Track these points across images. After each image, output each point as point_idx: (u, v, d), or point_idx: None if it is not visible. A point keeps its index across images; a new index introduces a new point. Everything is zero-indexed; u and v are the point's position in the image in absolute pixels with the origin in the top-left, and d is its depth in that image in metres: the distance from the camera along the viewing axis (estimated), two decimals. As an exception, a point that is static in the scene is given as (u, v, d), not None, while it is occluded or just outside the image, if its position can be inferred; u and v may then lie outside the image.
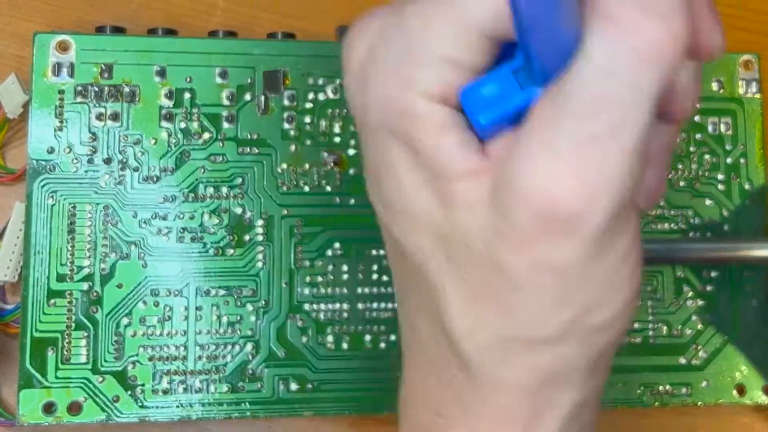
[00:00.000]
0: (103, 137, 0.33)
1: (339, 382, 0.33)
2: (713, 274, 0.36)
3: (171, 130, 0.33)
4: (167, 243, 0.33)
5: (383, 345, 0.33)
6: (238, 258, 0.33)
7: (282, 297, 0.33)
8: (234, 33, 0.35)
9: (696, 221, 0.36)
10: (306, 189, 0.34)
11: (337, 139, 0.34)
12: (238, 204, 0.33)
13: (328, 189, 0.34)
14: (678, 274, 0.36)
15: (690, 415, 0.37)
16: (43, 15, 0.36)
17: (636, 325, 0.35)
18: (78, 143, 0.33)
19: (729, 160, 0.37)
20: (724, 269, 0.36)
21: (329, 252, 0.34)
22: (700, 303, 0.36)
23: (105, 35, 0.33)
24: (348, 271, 0.34)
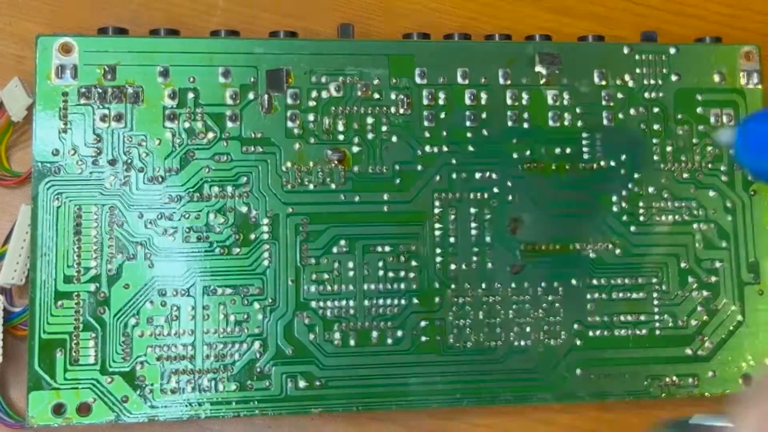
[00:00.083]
0: (108, 138, 0.33)
1: (347, 378, 0.33)
2: (717, 264, 0.36)
3: (175, 130, 0.33)
4: (173, 243, 0.33)
5: (390, 341, 0.34)
6: (244, 257, 0.33)
7: (288, 295, 0.33)
8: (236, 32, 0.35)
9: (699, 213, 0.36)
10: (311, 187, 0.34)
11: (341, 137, 0.34)
12: (243, 203, 0.33)
13: (332, 186, 0.34)
14: (683, 265, 0.36)
15: (697, 406, 0.37)
16: (44, 15, 0.36)
17: (642, 317, 0.35)
18: (82, 145, 0.33)
19: (732, 151, 0.37)
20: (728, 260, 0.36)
21: (335, 249, 0.34)
22: (705, 294, 0.36)
23: (108, 36, 0.34)
24: (354, 268, 0.34)
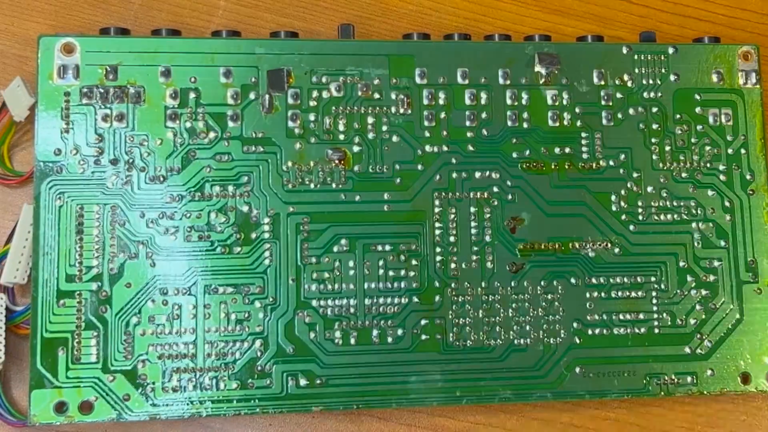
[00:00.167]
0: (110, 138, 0.33)
1: (347, 377, 0.33)
2: (716, 263, 0.36)
3: (176, 130, 0.34)
4: (175, 242, 0.33)
5: (390, 339, 0.34)
6: (245, 256, 0.33)
7: (289, 293, 0.33)
8: (237, 33, 0.35)
9: (698, 212, 0.36)
10: (311, 186, 0.34)
11: (342, 137, 0.35)
12: (244, 202, 0.34)
13: (333, 186, 0.34)
14: (681, 264, 0.36)
15: (695, 404, 0.37)
16: (45, 15, 0.36)
17: (641, 316, 0.35)
18: (84, 145, 0.33)
19: (730, 150, 0.37)
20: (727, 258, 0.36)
21: (335, 248, 0.34)
22: (703, 293, 0.36)
23: (109, 37, 0.34)
24: (354, 267, 0.34)
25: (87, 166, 0.33)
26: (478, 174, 0.35)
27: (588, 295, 0.35)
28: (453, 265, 0.35)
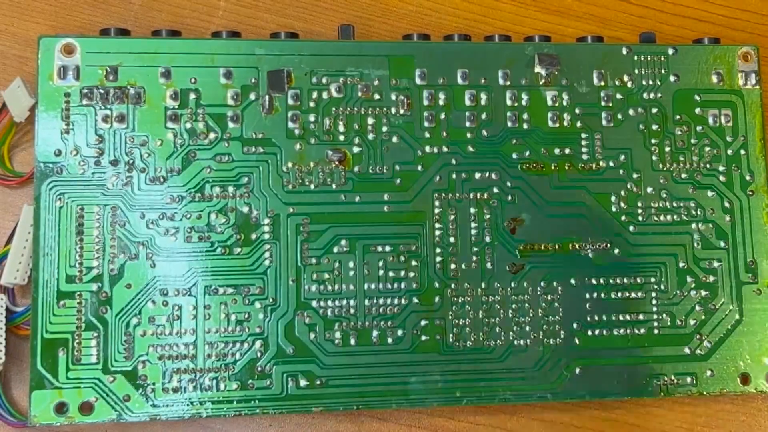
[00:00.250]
0: (110, 139, 0.33)
1: (347, 377, 0.33)
2: (715, 264, 0.36)
3: (177, 130, 0.34)
4: (175, 243, 0.33)
5: (390, 340, 0.34)
6: (245, 256, 0.33)
7: (289, 294, 0.33)
8: (237, 33, 0.35)
9: (697, 213, 0.36)
10: (311, 187, 0.34)
11: (342, 138, 0.35)
12: (244, 203, 0.34)
13: (333, 187, 0.34)
14: (681, 265, 0.36)
15: (695, 405, 0.37)
16: (45, 15, 0.36)
17: (640, 317, 0.35)
18: (85, 145, 0.33)
19: (730, 151, 0.37)
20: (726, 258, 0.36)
21: (335, 249, 0.34)
22: (703, 293, 0.36)
23: (109, 38, 0.34)
24: (354, 268, 0.34)
25: (87, 166, 0.33)
26: (478, 175, 0.35)
27: (588, 296, 0.35)
28: (453, 266, 0.35)
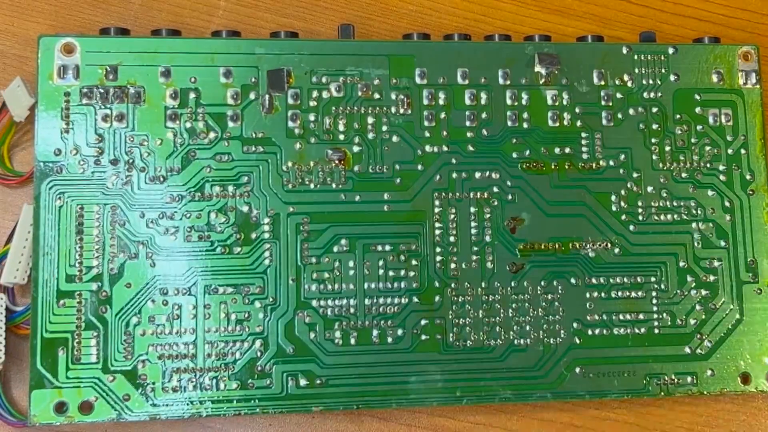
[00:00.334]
0: (110, 138, 0.33)
1: (347, 377, 0.33)
2: (716, 263, 0.36)
3: (176, 130, 0.34)
4: (175, 242, 0.33)
5: (390, 339, 0.34)
6: (245, 256, 0.33)
7: (289, 294, 0.33)
8: (237, 33, 0.35)
9: (698, 212, 0.36)
10: (311, 186, 0.34)
11: (342, 137, 0.35)
12: (244, 202, 0.34)
13: (333, 186, 0.34)
14: (681, 264, 0.36)
15: (695, 405, 0.37)
16: (45, 15, 0.36)
17: (641, 316, 0.35)
18: (84, 145, 0.33)
19: (730, 151, 0.37)
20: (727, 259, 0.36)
21: (335, 248, 0.34)
22: (703, 293, 0.36)
23: (109, 37, 0.34)
24: (354, 267, 0.34)
25: (87, 166, 0.33)
26: (478, 174, 0.35)
27: (588, 295, 0.35)
28: (453, 265, 0.35)
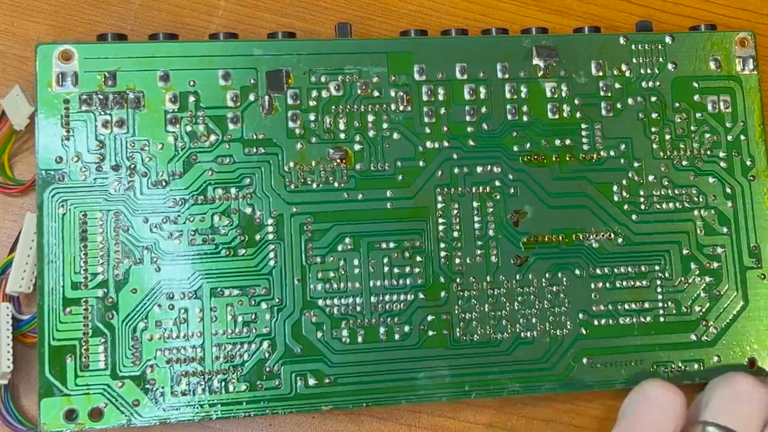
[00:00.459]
0: (110, 144, 0.33)
1: (355, 375, 0.33)
2: (719, 250, 0.36)
3: (177, 134, 0.34)
4: (179, 246, 0.33)
5: (397, 336, 0.34)
6: (249, 257, 0.33)
7: (295, 294, 0.33)
8: (235, 35, 0.35)
9: (699, 200, 0.37)
10: (314, 186, 0.34)
11: (342, 136, 0.35)
12: (247, 204, 0.34)
13: (335, 185, 0.34)
14: (685, 252, 0.36)
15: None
16: (45, 15, 0.36)
17: (646, 305, 0.35)
18: (86, 151, 0.33)
19: (730, 137, 0.37)
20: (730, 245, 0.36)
21: (340, 247, 0.34)
22: (708, 280, 0.36)
23: (107, 43, 0.34)
24: (359, 265, 0.34)
25: (89, 172, 0.33)
26: (479, 168, 0.35)
27: (593, 286, 0.35)
28: (458, 261, 0.35)
